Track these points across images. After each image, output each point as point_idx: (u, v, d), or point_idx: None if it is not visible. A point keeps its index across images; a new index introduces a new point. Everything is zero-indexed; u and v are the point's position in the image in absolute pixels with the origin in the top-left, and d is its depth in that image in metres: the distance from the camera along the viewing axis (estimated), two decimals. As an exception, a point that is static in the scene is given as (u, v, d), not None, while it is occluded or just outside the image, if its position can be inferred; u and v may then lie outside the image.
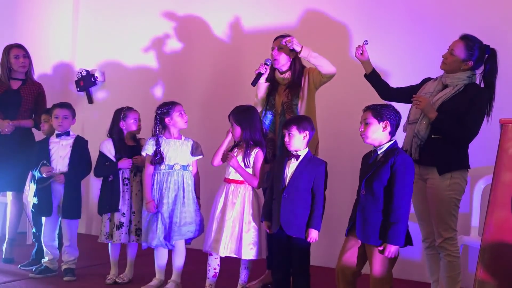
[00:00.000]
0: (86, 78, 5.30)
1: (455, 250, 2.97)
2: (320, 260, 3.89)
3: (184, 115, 3.44)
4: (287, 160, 3.05)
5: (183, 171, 3.40)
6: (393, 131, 2.76)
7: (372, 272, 2.70)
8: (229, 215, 3.20)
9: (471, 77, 3.00)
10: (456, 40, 3.04)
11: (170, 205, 3.33)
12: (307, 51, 3.31)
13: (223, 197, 3.26)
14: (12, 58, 4.09)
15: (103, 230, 3.55)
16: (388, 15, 4.13)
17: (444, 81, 3.04)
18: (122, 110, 3.63)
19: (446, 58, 3.04)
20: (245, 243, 3.17)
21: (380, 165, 2.69)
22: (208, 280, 3.31)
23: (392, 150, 2.71)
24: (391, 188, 2.64)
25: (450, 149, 2.93)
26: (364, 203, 2.73)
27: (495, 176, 2.59)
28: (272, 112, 3.48)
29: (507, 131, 2.60)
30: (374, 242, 2.68)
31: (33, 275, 3.66)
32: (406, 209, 2.64)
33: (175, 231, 3.32)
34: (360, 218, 2.73)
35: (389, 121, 2.72)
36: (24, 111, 4.09)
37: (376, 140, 2.74)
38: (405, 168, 2.65)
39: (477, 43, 3.00)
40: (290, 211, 2.97)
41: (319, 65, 3.34)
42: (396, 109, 2.77)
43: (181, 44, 5.00)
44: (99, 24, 5.41)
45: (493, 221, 2.54)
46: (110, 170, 3.56)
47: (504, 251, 2.50)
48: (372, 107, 2.77)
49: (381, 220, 2.67)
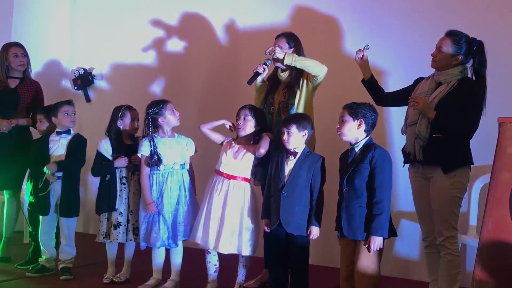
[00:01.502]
0: (83, 76, 5.30)
1: (455, 249, 2.97)
2: (317, 258, 3.88)
3: (176, 112, 3.42)
4: (284, 157, 3.05)
5: (182, 170, 3.39)
6: (368, 129, 2.84)
7: (359, 266, 2.74)
8: (229, 211, 3.18)
9: (463, 72, 3.00)
10: (442, 37, 3.05)
11: (173, 205, 3.32)
12: (290, 58, 3.30)
13: (218, 191, 3.23)
14: (11, 56, 4.08)
15: (101, 229, 3.54)
16: (384, 12, 4.13)
17: (437, 79, 3.04)
18: (120, 108, 3.61)
19: (436, 56, 3.05)
20: (245, 240, 3.17)
21: (359, 161, 2.78)
22: (210, 276, 3.31)
23: (369, 145, 2.81)
24: (372, 182, 2.73)
25: (452, 147, 2.93)
26: (347, 201, 2.80)
27: (494, 175, 2.58)
28: (269, 111, 3.47)
29: (506, 130, 2.59)
30: (361, 237, 2.75)
31: (30, 274, 3.65)
32: (387, 201, 2.73)
33: (180, 231, 3.31)
34: (345, 215, 2.80)
35: (364, 119, 2.81)
36: (22, 110, 4.08)
37: (352, 137, 2.84)
38: (383, 162, 2.75)
39: (464, 37, 3.01)
40: (290, 209, 2.97)
41: (306, 68, 3.33)
42: (373, 108, 2.86)
43: (178, 43, 4.99)
44: (97, 23, 5.40)
45: (491, 220, 2.54)
46: (107, 169, 3.54)
47: (502, 250, 2.50)
48: (349, 105, 2.86)
49: (365, 214, 2.75)
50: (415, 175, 3.11)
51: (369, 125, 2.83)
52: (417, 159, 2.99)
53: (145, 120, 3.36)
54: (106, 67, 5.32)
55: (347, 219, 2.80)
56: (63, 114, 3.69)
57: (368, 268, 2.72)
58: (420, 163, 3.00)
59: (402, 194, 3.78)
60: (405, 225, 3.93)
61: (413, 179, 3.14)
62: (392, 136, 4.01)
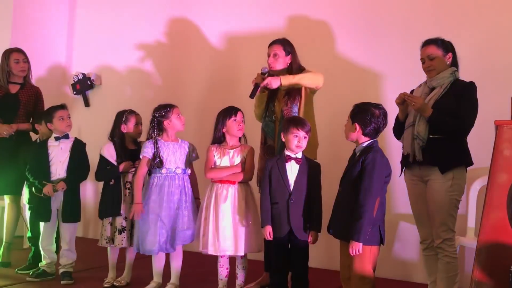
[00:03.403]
0: (82, 81, 5.31)
1: (453, 251, 2.99)
2: (318, 261, 3.90)
3: (182, 117, 3.44)
4: (285, 164, 3.04)
5: (183, 174, 3.39)
6: (370, 133, 2.75)
7: (353, 268, 2.71)
8: (239, 216, 3.19)
9: (454, 74, 3.05)
10: (424, 49, 3.10)
11: (172, 210, 3.31)
12: (287, 81, 3.31)
13: (214, 197, 3.23)
14: (12, 62, 4.10)
15: (104, 234, 3.52)
16: (383, 16, 4.16)
17: (430, 85, 3.08)
18: (124, 113, 3.60)
19: (430, 65, 3.07)
20: (252, 239, 3.20)
21: (355, 162, 2.74)
22: (221, 281, 3.31)
23: (367, 149, 2.73)
24: (359, 185, 2.66)
25: (450, 147, 2.96)
26: (339, 201, 2.80)
27: (491, 177, 2.60)
28: (272, 119, 3.47)
29: (502, 132, 2.61)
30: (345, 239, 2.71)
31: (31, 279, 3.65)
32: (370, 207, 2.62)
33: (179, 236, 3.30)
34: (335, 215, 2.80)
35: (358, 123, 2.74)
36: (22, 115, 4.08)
37: (352, 139, 2.81)
38: (373, 167, 2.65)
39: (439, 39, 3.09)
40: (298, 215, 2.98)
41: (304, 84, 3.34)
42: (378, 114, 2.74)
43: (176, 48, 5.01)
44: (95, 28, 5.42)
45: (489, 222, 2.56)
46: (112, 174, 3.53)
47: (500, 251, 2.51)
48: (354, 106, 2.82)
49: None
50: (412, 178, 3.13)
51: (369, 129, 2.74)
52: (416, 160, 3.01)
53: (151, 122, 3.38)
54: (105, 72, 5.33)
55: (336, 220, 2.80)
56: (58, 119, 3.69)
57: (361, 270, 2.69)
58: (418, 164, 3.02)
59: (400, 196, 3.79)
60: (404, 227, 3.96)
61: (410, 182, 3.16)
62: (390, 140, 4.03)
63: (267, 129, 3.49)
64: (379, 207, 2.68)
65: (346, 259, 2.78)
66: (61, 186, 3.60)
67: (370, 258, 2.69)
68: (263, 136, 3.53)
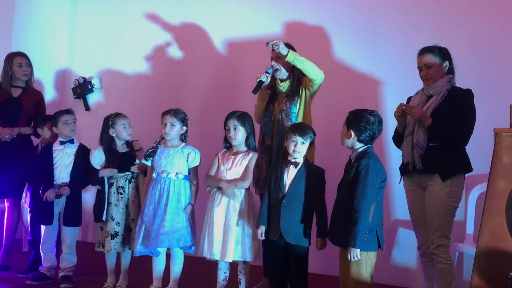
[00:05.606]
0: (83, 85, 5.32)
1: (447, 258, 3.01)
2: (317, 267, 3.90)
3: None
4: (284, 167, 3.07)
5: (177, 179, 3.38)
6: (365, 140, 2.77)
7: (350, 274, 2.72)
8: (232, 220, 3.20)
9: (451, 81, 3.07)
10: (420, 56, 3.11)
11: (151, 211, 3.32)
12: (293, 56, 3.30)
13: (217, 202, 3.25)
14: (15, 66, 4.10)
15: (96, 238, 3.57)
16: (381, 23, 4.19)
17: (427, 93, 3.10)
18: (110, 117, 3.61)
19: (427, 74, 3.08)
20: (248, 246, 3.19)
21: (350, 169, 2.76)
22: (218, 284, 3.32)
23: (361, 154, 2.76)
24: (353, 191, 2.68)
25: (450, 154, 2.98)
26: (337, 208, 2.81)
27: (490, 184, 2.62)
28: (270, 119, 3.50)
29: (501, 140, 2.64)
30: (342, 245, 2.74)
31: (30, 282, 3.66)
32: (365, 212, 2.63)
33: (153, 239, 3.28)
34: (333, 222, 2.82)
35: (354, 130, 2.77)
36: (24, 119, 4.09)
37: (348, 145, 2.83)
38: (367, 172, 2.67)
39: (436, 47, 3.10)
40: (290, 218, 2.98)
41: (305, 70, 3.34)
42: (373, 120, 2.77)
43: (177, 52, 5.03)
44: (96, 32, 5.43)
45: (488, 228, 2.58)
46: (93, 179, 3.57)
47: (499, 258, 2.53)
48: (349, 113, 2.85)
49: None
50: (411, 184, 3.15)
51: (364, 136, 2.77)
52: (416, 168, 3.02)
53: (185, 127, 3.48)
54: (106, 76, 5.35)
55: (334, 227, 2.81)
56: (62, 123, 3.72)
57: (358, 276, 2.70)
58: (418, 172, 3.04)
59: (399, 202, 3.81)
60: (403, 233, 3.97)
61: (408, 189, 3.18)
62: (389, 146, 4.05)
63: (265, 129, 3.51)
64: (376, 212, 2.69)
65: (345, 266, 2.78)
66: (65, 190, 3.62)
67: (367, 264, 2.70)
68: (261, 136, 3.55)
